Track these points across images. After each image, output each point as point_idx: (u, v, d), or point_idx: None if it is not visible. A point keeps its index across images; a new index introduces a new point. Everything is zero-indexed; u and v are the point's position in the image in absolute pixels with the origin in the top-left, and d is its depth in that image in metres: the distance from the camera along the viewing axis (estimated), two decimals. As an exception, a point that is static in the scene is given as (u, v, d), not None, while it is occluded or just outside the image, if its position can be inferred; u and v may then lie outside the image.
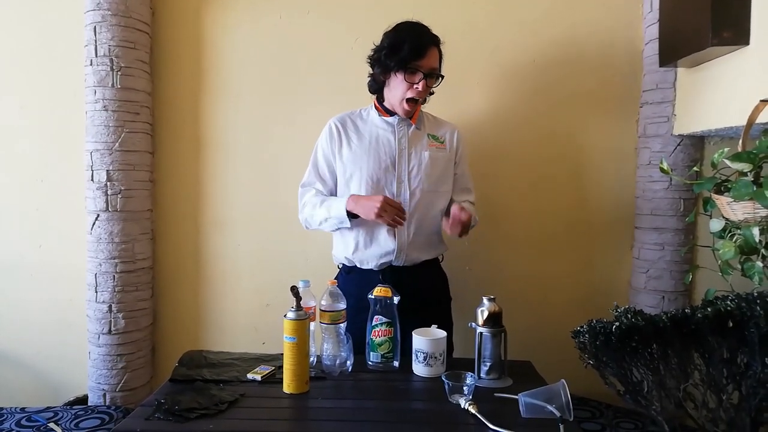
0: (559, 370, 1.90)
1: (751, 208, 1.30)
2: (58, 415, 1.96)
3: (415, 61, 1.68)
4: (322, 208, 1.77)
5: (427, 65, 1.70)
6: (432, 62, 1.71)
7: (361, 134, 1.82)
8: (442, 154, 1.84)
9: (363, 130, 1.83)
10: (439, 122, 1.91)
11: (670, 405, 1.17)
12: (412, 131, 1.82)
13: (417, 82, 1.70)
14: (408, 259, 1.79)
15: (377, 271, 1.79)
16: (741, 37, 1.56)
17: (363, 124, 1.85)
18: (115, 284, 2.17)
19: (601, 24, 2.20)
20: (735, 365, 1.13)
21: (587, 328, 1.19)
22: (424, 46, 1.69)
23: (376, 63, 1.77)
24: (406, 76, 1.70)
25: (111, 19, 2.10)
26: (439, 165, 1.82)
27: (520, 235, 2.28)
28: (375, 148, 1.79)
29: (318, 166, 1.86)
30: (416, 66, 1.69)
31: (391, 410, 1.38)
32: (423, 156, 1.79)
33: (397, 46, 1.69)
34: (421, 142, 1.82)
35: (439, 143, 1.84)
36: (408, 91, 1.71)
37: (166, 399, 1.38)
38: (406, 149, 1.79)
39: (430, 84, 1.74)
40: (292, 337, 1.42)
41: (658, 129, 2.09)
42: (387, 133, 1.81)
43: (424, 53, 1.69)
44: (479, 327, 1.53)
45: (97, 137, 2.14)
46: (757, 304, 1.09)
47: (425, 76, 1.70)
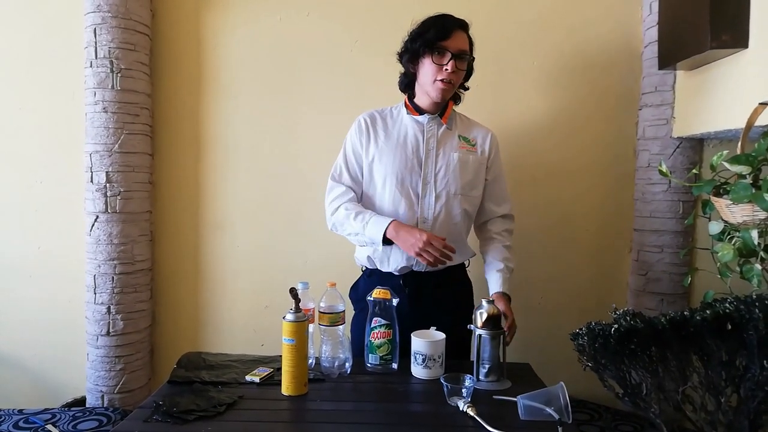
0: (558, 372, 1.90)
1: (750, 211, 1.30)
2: (56, 416, 1.96)
3: (442, 41, 1.64)
4: (356, 221, 1.68)
5: (454, 46, 1.64)
6: (460, 44, 1.66)
7: (389, 131, 1.77)
8: (473, 157, 1.77)
9: (392, 127, 1.78)
10: (472, 124, 1.85)
11: (668, 407, 1.17)
12: (442, 131, 1.75)
13: (446, 63, 1.64)
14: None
15: (398, 275, 1.76)
16: (740, 40, 1.56)
17: (392, 121, 1.79)
18: (113, 286, 2.17)
19: (600, 26, 2.21)
20: (734, 368, 1.13)
21: (586, 331, 1.19)
22: (450, 27, 1.65)
23: (405, 53, 1.73)
24: (434, 57, 1.65)
25: (111, 21, 2.10)
26: (469, 168, 1.75)
27: (519, 236, 2.26)
28: (402, 146, 1.73)
29: (347, 160, 1.78)
30: (443, 47, 1.64)
31: (390, 412, 1.38)
32: (452, 157, 1.73)
33: (423, 32, 1.67)
34: (451, 143, 1.75)
35: (470, 145, 1.78)
36: (438, 73, 1.65)
37: (164, 401, 1.38)
38: (434, 149, 1.73)
39: (460, 66, 1.67)
40: (291, 339, 1.42)
41: (657, 131, 2.09)
42: (416, 132, 1.75)
43: (450, 34, 1.64)
44: (478, 329, 1.53)
45: (96, 139, 2.14)
46: (755, 306, 1.09)
47: (453, 56, 1.64)
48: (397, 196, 1.72)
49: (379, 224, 1.64)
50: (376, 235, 1.63)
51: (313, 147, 2.29)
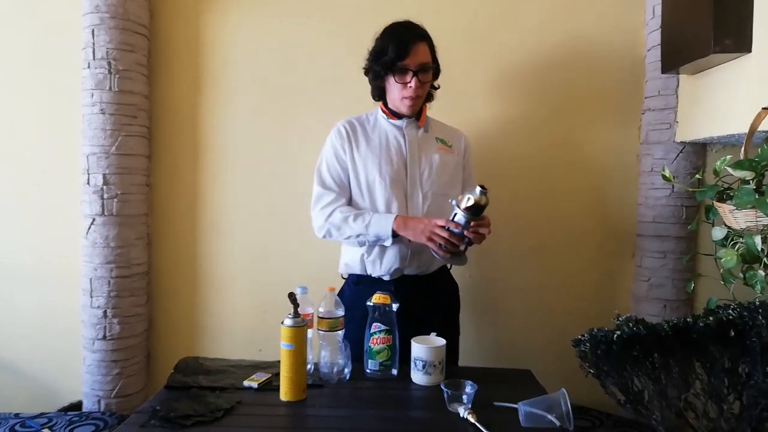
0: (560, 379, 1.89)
1: (753, 217, 1.29)
2: (53, 421, 1.95)
3: (401, 61, 1.66)
4: (356, 222, 1.69)
5: (414, 62, 1.67)
6: (420, 58, 1.68)
7: (370, 137, 1.79)
8: (451, 158, 1.81)
9: (371, 132, 1.80)
10: (445, 127, 1.89)
11: (670, 415, 1.16)
12: (420, 134, 1.79)
13: (409, 81, 1.68)
14: (420, 265, 1.76)
15: (387, 281, 1.76)
16: (743, 45, 1.56)
17: (371, 127, 1.82)
18: (110, 289, 2.16)
19: (603, 30, 2.20)
20: (736, 375, 1.12)
21: (588, 337, 1.18)
22: (407, 44, 1.66)
23: (369, 71, 1.78)
24: (397, 77, 1.69)
25: (109, 22, 2.09)
26: (449, 168, 1.79)
27: (521, 242, 2.27)
28: (386, 149, 1.76)
29: (330, 166, 1.79)
30: (404, 66, 1.67)
31: (389, 419, 1.37)
32: (433, 159, 1.77)
33: (381, 51, 1.70)
34: (430, 145, 1.79)
35: (446, 146, 1.82)
36: (403, 90, 1.70)
37: (161, 406, 1.37)
38: (417, 151, 1.76)
39: (424, 79, 1.70)
40: (290, 344, 1.41)
41: (660, 136, 2.08)
42: (396, 135, 1.78)
43: (408, 51, 1.66)
44: (458, 209, 1.56)
45: (93, 140, 2.13)
46: (759, 313, 1.08)
47: (416, 72, 1.67)
48: (390, 198, 1.73)
49: (383, 220, 1.67)
50: (383, 230, 1.65)
51: (312, 150, 2.25)
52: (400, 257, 1.74)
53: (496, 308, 2.28)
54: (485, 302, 2.27)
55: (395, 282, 1.75)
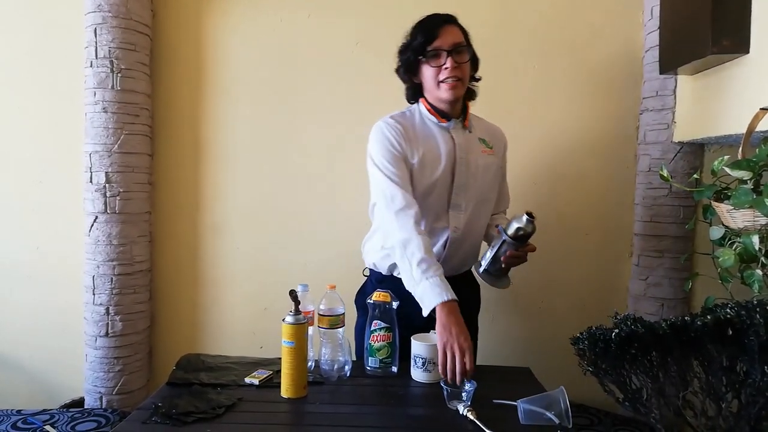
0: (558, 377, 1.90)
1: (750, 216, 1.30)
2: (54, 417, 1.95)
3: (431, 43, 1.56)
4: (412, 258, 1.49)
5: (447, 42, 1.56)
6: (451, 38, 1.57)
7: (420, 140, 1.64)
8: (492, 161, 1.72)
9: (421, 135, 1.65)
10: (486, 125, 1.78)
11: (669, 413, 1.17)
12: (466, 136, 1.67)
13: (444, 63, 1.56)
14: (449, 268, 1.63)
15: None
16: (741, 46, 1.57)
17: (418, 128, 1.66)
18: (112, 287, 2.17)
19: (601, 31, 2.21)
20: (734, 373, 1.13)
21: (586, 335, 1.19)
22: (436, 26, 1.58)
23: (401, 67, 1.67)
24: (431, 62, 1.58)
25: (111, 21, 2.10)
26: (491, 172, 1.71)
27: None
28: (436, 155, 1.63)
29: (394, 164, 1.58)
30: (436, 48, 1.56)
31: (389, 416, 1.38)
32: (478, 163, 1.67)
33: (411, 41, 1.62)
34: (475, 148, 1.68)
35: (488, 148, 1.71)
36: (438, 75, 1.57)
37: (163, 402, 1.37)
38: (464, 157, 1.65)
39: (461, 59, 1.58)
40: (291, 342, 1.41)
41: (658, 136, 2.09)
42: (445, 140, 1.65)
43: (438, 33, 1.56)
44: (506, 235, 1.55)
45: (96, 139, 2.14)
46: (756, 312, 1.09)
47: (449, 52, 1.56)
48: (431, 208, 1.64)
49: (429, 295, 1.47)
50: (426, 299, 1.47)
51: (314, 148, 2.29)
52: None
53: (496, 306, 2.28)
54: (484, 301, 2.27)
55: None
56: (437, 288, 1.46)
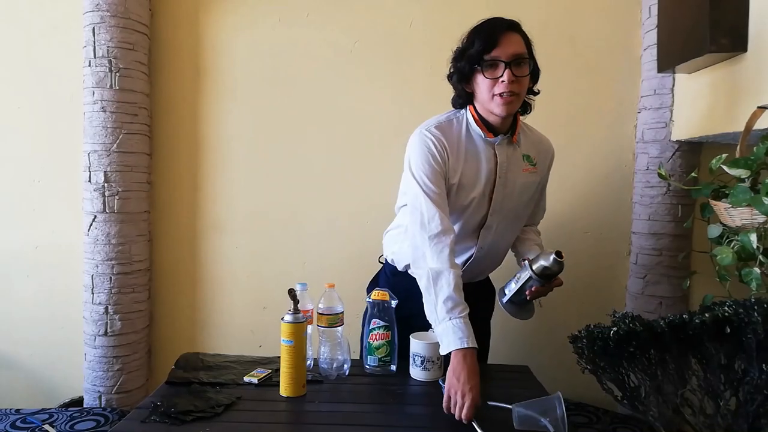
0: (557, 375, 1.91)
1: (748, 214, 1.30)
2: (53, 416, 1.95)
3: (490, 52, 1.43)
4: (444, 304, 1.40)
5: (506, 53, 1.43)
6: (512, 48, 1.44)
7: (463, 157, 1.53)
8: (533, 179, 1.63)
9: (465, 150, 1.54)
10: (534, 137, 1.66)
11: (667, 411, 1.17)
12: (510, 152, 1.56)
13: (501, 75, 1.42)
14: (467, 277, 1.59)
15: None
16: (739, 44, 1.56)
17: (463, 141, 1.55)
18: (111, 286, 2.17)
19: (599, 29, 2.21)
20: (732, 371, 1.13)
21: (585, 333, 1.19)
22: (497, 34, 1.44)
23: (453, 74, 1.54)
24: (487, 73, 1.44)
25: (110, 20, 2.10)
26: (529, 191, 1.63)
27: (518, 239, 2.28)
28: (477, 175, 1.54)
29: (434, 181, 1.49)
30: (493, 58, 1.43)
31: (388, 414, 1.38)
32: (517, 183, 1.58)
33: (467, 47, 1.48)
34: (516, 167, 1.58)
35: (531, 165, 1.61)
36: (494, 87, 1.44)
37: (162, 401, 1.38)
38: (504, 176, 1.55)
39: (520, 72, 1.44)
40: (290, 340, 1.42)
41: (656, 134, 2.09)
42: (488, 156, 1.54)
43: (497, 41, 1.43)
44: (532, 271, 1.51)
45: (94, 138, 2.14)
46: (754, 310, 1.09)
47: (508, 64, 1.43)
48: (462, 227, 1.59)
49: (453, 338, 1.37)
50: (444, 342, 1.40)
51: (312, 147, 2.29)
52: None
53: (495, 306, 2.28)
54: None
55: None
56: (459, 332, 1.37)
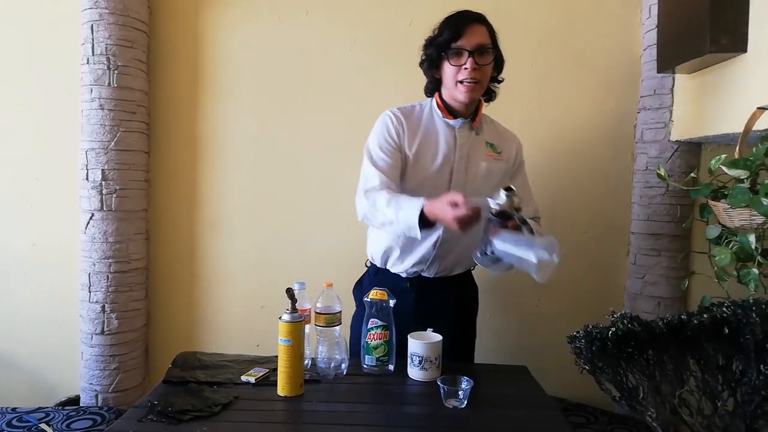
0: (555, 375, 1.90)
1: (747, 215, 1.30)
2: (50, 415, 1.95)
3: (456, 41, 1.56)
4: (389, 207, 1.50)
5: (471, 42, 1.55)
6: (476, 39, 1.56)
7: (421, 134, 1.65)
8: (498, 166, 1.70)
9: (424, 130, 1.66)
10: (498, 129, 1.76)
11: (665, 411, 1.17)
12: (472, 138, 1.66)
13: (464, 63, 1.55)
14: (440, 270, 1.70)
15: (405, 278, 1.72)
16: (739, 45, 1.56)
17: (423, 124, 1.67)
18: (108, 284, 2.16)
19: (599, 29, 2.21)
20: (730, 372, 1.13)
21: (583, 334, 1.19)
22: (463, 25, 1.57)
23: (424, 61, 1.67)
24: (452, 60, 1.58)
25: (108, 18, 2.09)
26: (494, 178, 1.68)
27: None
28: (434, 153, 1.63)
29: (383, 150, 1.61)
30: (459, 47, 1.56)
31: (386, 414, 1.38)
32: (479, 167, 1.66)
33: (436, 36, 1.61)
34: (479, 151, 1.67)
35: (496, 153, 1.69)
36: (458, 74, 1.57)
37: (159, 400, 1.37)
38: (465, 158, 1.64)
39: (482, 61, 1.57)
40: (287, 340, 1.41)
41: (655, 135, 2.09)
42: (447, 138, 1.64)
43: (463, 31, 1.56)
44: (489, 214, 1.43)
45: (92, 136, 2.13)
46: (752, 310, 1.09)
47: (471, 53, 1.55)
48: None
49: (411, 205, 1.46)
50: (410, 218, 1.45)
51: (311, 146, 2.29)
52: (421, 260, 1.69)
53: (493, 305, 2.28)
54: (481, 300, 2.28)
55: (411, 281, 1.72)
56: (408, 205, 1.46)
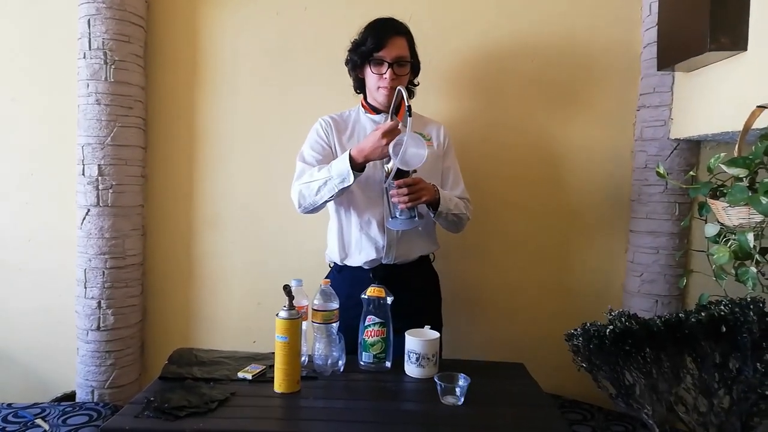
0: (552, 372, 1.91)
1: (746, 214, 1.30)
2: (46, 411, 1.95)
3: (377, 52, 1.72)
4: (320, 171, 1.67)
5: (390, 55, 1.72)
6: (396, 51, 1.73)
7: (349, 133, 1.85)
8: (429, 151, 1.79)
9: (351, 128, 1.86)
10: (425, 121, 1.92)
11: (661, 408, 1.17)
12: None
13: (384, 73, 1.73)
14: (398, 256, 1.79)
15: (368, 269, 1.79)
16: (739, 43, 1.56)
17: (351, 123, 1.87)
18: (104, 280, 2.15)
19: (599, 27, 2.20)
20: (727, 370, 1.13)
21: (581, 331, 1.19)
22: (385, 36, 1.73)
23: (348, 62, 1.84)
24: (373, 68, 1.75)
25: (105, 12, 2.08)
26: (427, 162, 1.77)
27: (514, 236, 2.28)
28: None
29: (314, 149, 1.80)
30: (379, 57, 1.73)
31: (383, 411, 1.38)
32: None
33: (361, 42, 1.77)
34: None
35: (425, 140, 1.80)
36: (378, 81, 1.75)
37: (155, 397, 1.37)
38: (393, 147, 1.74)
39: (400, 72, 1.75)
40: (284, 337, 1.41)
41: (654, 133, 2.09)
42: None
43: (385, 44, 1.72)
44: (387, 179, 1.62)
45: (89, 131, 2.12)
46: (750, 309, 1.09)
47: (390, 65, 1.72)
48: (366, 194, 1.77)
49: (340, 158, 1.65)
50: (342, 166, 1.62)
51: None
52: (376, 248, 1.78)
53: (490, 303, 2.29)
54: (479, 297, 2.28)
55: (374, 270, 1.79)
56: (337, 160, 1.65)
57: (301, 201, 1.74)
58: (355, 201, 1.79)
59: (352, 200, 1.79)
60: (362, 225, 1.79)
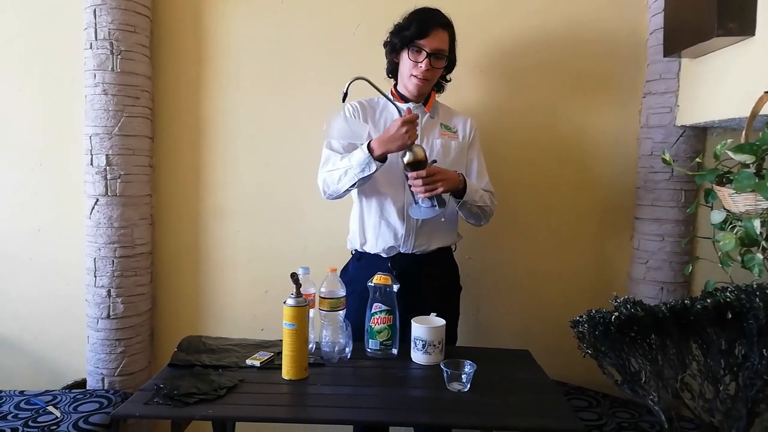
0: (558, 359, 1.92)
1: (752, 200, 1.29)
2: (57, 398, 1.97)
3: (419, 39, 1.71)
4: (342, 161, 1.71)
5: (431, 45, 1.71)
6: (437, 43, 1.72)
7: (376, 120, 1.84)
8: (455, 143, 1.84)
9: (378, 116, 1.85)
10: (452, 113, 1.92)
11: (667, 395, 1.18)
12: (425, 120, 1.82)
13: (420, 61, 1.72)
14: (416, 245, 1.79)
15: (386, 258, 1.79)
16: (746, 28, 1.55)
17: (379, 110, 1.86)
18: (114, 269, 2.17)
19: (605, 13, 2.19)
20: (733, 356, 1.14)
21: (586, 318, 1.20)
22: (429, 26, 1.71)
23: (387, 44, 1.82)
24: (410, 54, 1.73)
25: (111, 2, 2.07)
26: (451, 153, 1.82)
27: (519, 224, 2.28)
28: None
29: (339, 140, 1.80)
30: (420, 45, 1.71)
31: (389, 397, 1.39)
32: (435, 144, 1.81)
33: (404, 27, 1.74)
34: (434, 131, 1.83)
35: (451, 132, 1.85)
36: (413, 69, 1.73)
37: (165, 384, 1.39)
38: (419, 137, 1.74)
39: (436, 65, 1.74)
40: (292, 324, 1.42)
41: (660, 119, 2.08)
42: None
43: (428, 33, 1.70)
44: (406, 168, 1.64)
45: (96, 121, 2.13)
46: (756, 296, 1.09)
47: (429, 55, 1.71)
48: (388, 180, 1.77)
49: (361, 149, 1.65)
50: (361, 154, 1.64)
51: (315, 132, 2.27)
52: (394, 236, 1.78)
53: (497, 290, 2.29)
54: (486, 284, 2.29)
55: (392, 259, 1.78)
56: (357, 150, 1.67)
57: (326, 188, 1.78)
58: (377, 187, 1.79)
59: (373, 186, 1.79)
60: (382, 211, 1.79)
